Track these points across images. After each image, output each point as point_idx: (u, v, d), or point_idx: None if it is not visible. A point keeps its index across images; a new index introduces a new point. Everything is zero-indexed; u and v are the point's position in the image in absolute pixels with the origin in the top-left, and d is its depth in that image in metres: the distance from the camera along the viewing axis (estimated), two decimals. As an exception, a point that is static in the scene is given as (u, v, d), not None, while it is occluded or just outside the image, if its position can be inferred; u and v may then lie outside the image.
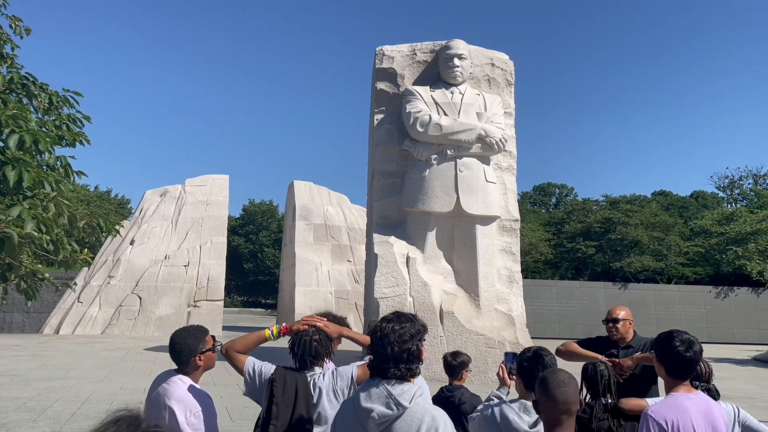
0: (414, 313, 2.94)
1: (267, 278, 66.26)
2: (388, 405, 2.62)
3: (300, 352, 3.67)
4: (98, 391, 11.53)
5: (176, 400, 3.41)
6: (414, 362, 2.76)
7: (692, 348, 3.30)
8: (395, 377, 2.71)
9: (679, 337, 3.34)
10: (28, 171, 3.52)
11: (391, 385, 2.68)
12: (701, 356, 3.40)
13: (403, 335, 2.76)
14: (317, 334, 3.72)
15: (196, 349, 3.57)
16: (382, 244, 15.04)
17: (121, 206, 59.03)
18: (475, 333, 14.18)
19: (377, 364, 2.77)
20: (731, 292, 34.97)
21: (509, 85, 16.97)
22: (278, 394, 3.45)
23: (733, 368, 20.62)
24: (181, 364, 3.62)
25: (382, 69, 16.45)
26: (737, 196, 62.06)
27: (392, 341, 2.73)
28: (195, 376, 3.64)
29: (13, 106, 3.83)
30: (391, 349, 2.71)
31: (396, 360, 2.71)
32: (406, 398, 2.63)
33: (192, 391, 3.51)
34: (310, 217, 31.08)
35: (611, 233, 45.91)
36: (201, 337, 3.63)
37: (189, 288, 27.14)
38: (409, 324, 2.81)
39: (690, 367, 3.33)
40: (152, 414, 3.46)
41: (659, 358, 3.41)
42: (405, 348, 2.73)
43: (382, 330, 2.79)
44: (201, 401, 3.49)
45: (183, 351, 3.56)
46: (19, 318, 25.56)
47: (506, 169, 16.45)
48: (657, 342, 3.45)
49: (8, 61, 5.73)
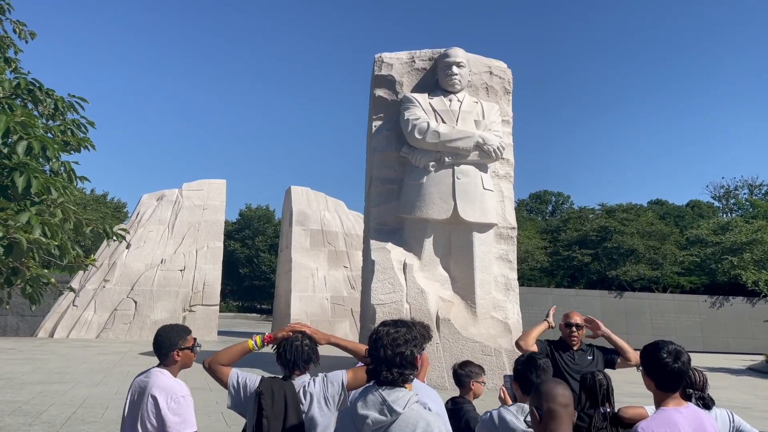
0: (420, 321, 2.95)
1: (263, 283, 66.17)
2: (382, 411, 2.64)
3: (292, 357, 3.64)
4: (93, 396, 11.50)
5: (158, 388, 3.64)
6: (407, 367, 2.76)
7: (680, 359, 3.20)
8: (387, 381, 2.72)
9: (666, 348, 3.23)
10: (37, 177, 3.56)
11: (386, 392, 2.69)
12: (689, 366, 3.31)
13: (397, 339, 2.77)
14: (306, 339, 3.71)
15: (176, 345, 3.79)
16: (379, 250, 15.06)
17: (117, 210, 58.95)
18: (471, 340, 14.20)
19: (372, 367, 2.80)
20: (726, 302, 35.08)
21: (507, 94, 17.06)
22: (267, 406, 3.44)
23: (728, 378, 20.67)
24: (161, 357, 3.83)
25: (380, 76, 16.52)
26: (733, 205, 62.34)
27: (385, 344, 2.75)
28: (173, 370, 3.83)
29: (21, 113, 3.86)
30: (383, 352, 2.74)
31: (389, 363, 2.73)
32: (400, 404, 2.64)
33: (171, 381, 3.73)
34: (307, 222, 31.08)
35: (607, 242, 46.04)
36: (183, 335, 3.84)
37: (185, 292, 27.09)
38: (404, 329, 2.82)
39: (679, 379, 3.22)
40: (135, 405, 3.69)
41: (647, 370, 3.30)
42: (398, 352, 2.74)
43: (377, 333, 2.82)
44: (180, 389, 3.69)
45: (164, 344, 3.78)
46: (14, 321, 25.46)
47: (503, 177, 16.51)
48: (644, 354, 3.34)
49: (12, 65, 5.76)
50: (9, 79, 4.72)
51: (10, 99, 4.35)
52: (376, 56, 16.80)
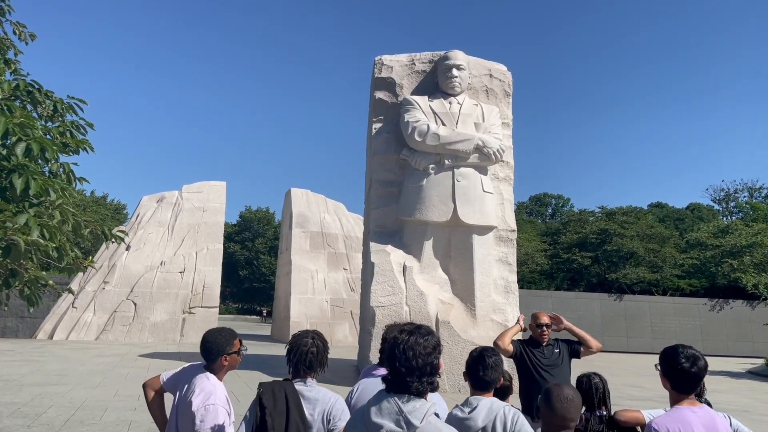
0: (429, 326, 2.88)
1: (262, 285, 66.18)
2: (398, 423, 2.54)
3: (295, 359, 3.64)
4: (92, 398, 11.48)
5: (200, 390, 3.73)
6: (435, 375, 2.69)
7: (697, 363, 3.34)
8: (417, 392, 2.61)
9: (684, 352, 3.37)
10: (35, 179, 3.56)
11: (403, 402, 2.59)
12: (705, 371, 3.41)
13: (427, 347, 2.68)
14: (314, 347, 3.66)
15: (224, 350, 3.87)
16: (378, 252, 15.06)
17: (117, 212, 58.95)
18: (470, 343, 14.14)
19: (396, 378, 2.65)
20: (726, 305, 35.06)
21: (507, 96, 17.08)
22: (269, 405, 3.45)
23: (727, 381, 20.65)
24: (208, 362, 3.89)
25: (381, 78, 16.54)
26: (733, 208, 62.35)
27: (417, 354, 2.64)
28: (219, 374, 3.92)
29: (20, 114, 3.87)
30: (416, 362, 2.62)
31: (420, 374, 2.62)
32: (418, 416, 2.54)
33: (211, 387, 3.78)
34: (307, 224, 31.08)
35: (607, 244, 46.04)
36: (230, 339, 3.92)
37: (184, 294, 27.08)
38: (429, 336, 2.74)
39: (695, 382, 3.37)
40: (182, 402, 3.80)
41: (664, 372, 3.45)
42: (429, 361, 2.65)
43: (405, 342, 2.68)
44: (215, 398, 3.73)
45: (212, 349, 3.86)
46: (13, 323, 25.45)
47: (503, 180, 16.52)
48: (662, 356, 3.49)
49: (12, 67, 5.77)
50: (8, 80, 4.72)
51: (10, 101, 4.35)
52: (376, 59, 16.83)
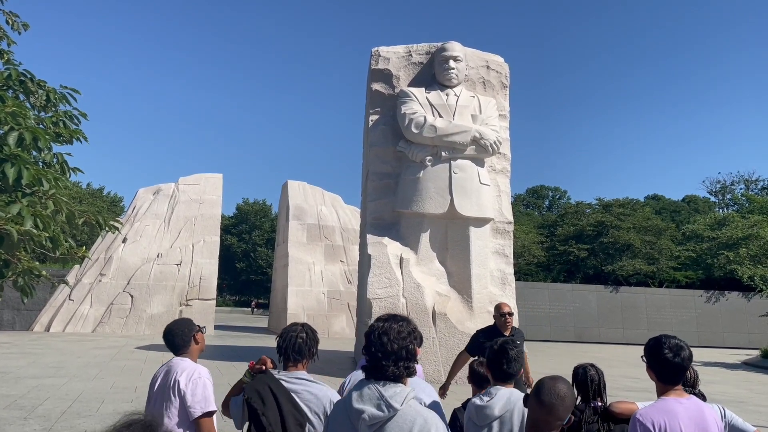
0: (405, 315, 2.94)
1: (259, 278, 66.18)
2: (379, 407, 2.60)
3: (284, 345, 3.67)
4: (89, 390, 11.48)
5: (181, 370, 3.93)
6: (411, 360, 2.76)
7: (680, 354, 3.29)
8: (393, 376, 2.69)
9: (668, 342, 3.33)
10: (27, 168, 3.52)
11: (383, 387, 2.66)
12: (690, 362, 3.38)
13: (402, 332, 2.76)
14: (303, 332, 3.72)
15: (191, 332, 4.12)
16: (375, 245, 15.05)
17: (113, 204, 58.84)
18: (467, 335, 14.14)
19: (374, 363, 2.73)
20: (722, 297, 35.23)
21: (504, 88, 17.02)
22: (259, 406, 3.44)
23: (723, 372, 20.75)
24: (180, 349, 4.08)
25: (377, 70, 16.47)
26: (729, 201, 62.53)
27: (392, 338, 2.72)
28: (193, 356, 4.12)
29: (12, 103, 3.83)
30: (390, 347, 2.70)
31: (396, 358, 2.70)
32: (398, 400, 2.61)
33: (192, 365, 4.02)
34: (304, 217, 31.05)
35: (604, 236, 46.14)
36: (190, 323, 4.21)
37: (181, 287, 27.05)
38: (404, 322, 2.82)
39: (679, 372, 3.33)
40: (161, 388, 3.94)
41: (649, 363, 3.41)
42: (404, 345, 2.73)
43: (380, 328, 2.77)
44: (200, 371, 3.97)
45: (181, 335, 4.08)
46: (10, 315, 25.42)
47: (500, 172, 16.50)
48: (647, 347, 3.45)
49: (5, 57, 5.71)
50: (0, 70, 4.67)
51: (2, 90, 4.30)
52: (372, 50, 16.75)
